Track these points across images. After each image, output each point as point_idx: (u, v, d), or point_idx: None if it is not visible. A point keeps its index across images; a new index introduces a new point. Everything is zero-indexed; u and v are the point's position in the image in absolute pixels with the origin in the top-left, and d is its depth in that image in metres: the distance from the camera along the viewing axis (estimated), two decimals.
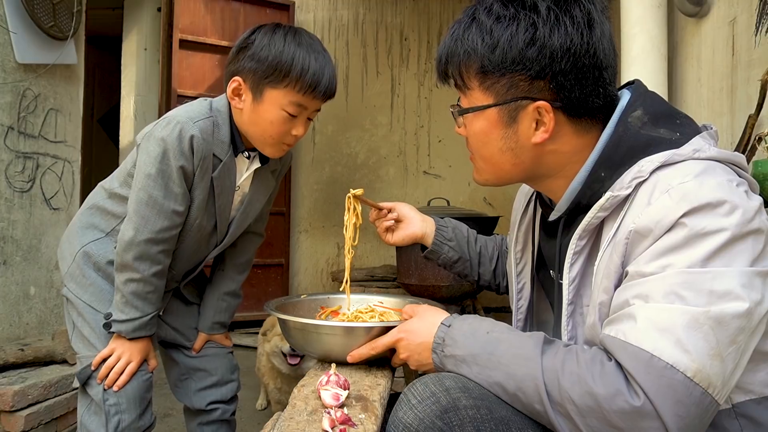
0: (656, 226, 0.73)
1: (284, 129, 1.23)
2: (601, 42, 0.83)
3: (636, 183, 0.78)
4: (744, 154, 1.82)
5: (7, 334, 2.27)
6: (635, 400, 0.68)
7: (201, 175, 1.24)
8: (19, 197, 2.32)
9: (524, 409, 0.78)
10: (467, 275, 1.34)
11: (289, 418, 0.85)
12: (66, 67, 2.54)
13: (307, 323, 1.12)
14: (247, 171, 1.35)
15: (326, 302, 1.39)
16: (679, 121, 0.84)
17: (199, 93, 3.78)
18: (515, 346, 0.80)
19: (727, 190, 0.72)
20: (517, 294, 1.09)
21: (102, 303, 1.30)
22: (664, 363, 0.68)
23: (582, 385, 0.72)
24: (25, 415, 1.94)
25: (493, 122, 0.88)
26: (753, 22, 1.83)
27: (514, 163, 0.90)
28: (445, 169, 4.50)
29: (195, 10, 3.80)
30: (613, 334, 0.73)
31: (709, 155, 0.77)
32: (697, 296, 0.69)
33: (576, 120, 0.86)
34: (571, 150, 0.87)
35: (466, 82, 0.89)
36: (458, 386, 0.80)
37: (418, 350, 0.94)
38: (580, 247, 0.85)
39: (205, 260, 1.44)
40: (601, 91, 0.84)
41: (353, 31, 4.48)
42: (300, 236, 4.39)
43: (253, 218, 1.44)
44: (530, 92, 0.84)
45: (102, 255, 1.32)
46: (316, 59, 1.20)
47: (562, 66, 0.81)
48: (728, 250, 0.70)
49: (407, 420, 0.79)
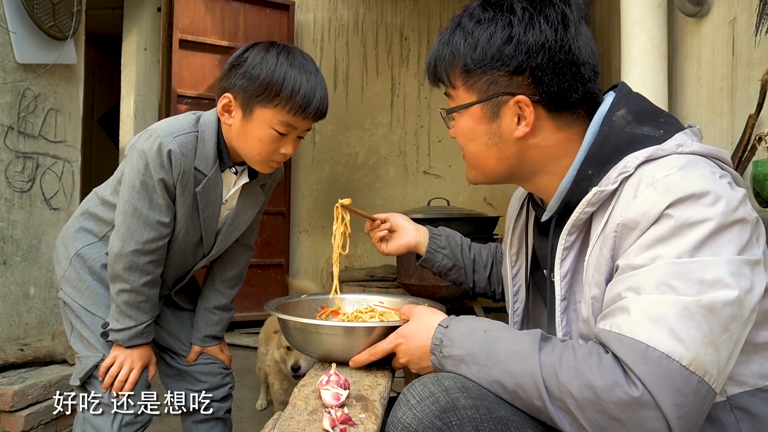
0: (643, 218, 0.74)
1: (273, 147, 1.23)
2: (576, 40, 0.87)
3: (622, 178, 0.80)
4: (744, 154, 1.82)
5: (7, 334, 2.27)
6: (634, 391, 0.69)
7: (182, 189, 1.25)
8: (19, 197, 2.32)
9: (524, 406, 0.79)
10: (462, 283, 1.36)
11: (290, 418, 0.85)
12: (66, 67, 2.54)
13: (307, 323, 1.12)
14: (235, 186, 1.35)
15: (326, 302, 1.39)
16: (663, 120, 0.86)
17: (199, 93, 3.78)
18: (512, 343, 0.81)
19: (711, 181, 0.74)
20: (513, 297, 1.10)
21: (98, 306, 1.32)
22: (660, 353, 0.69)
23: (580, 378, 0.72)
24: (25, 415, 1.94)
25: (477, 119, 0.92)
26: (753, 22, 1.83)
27: (499, 158, 0.93)
28: (445, 169, 4.50)
29: (195, 10, 3.80)
30: (608, 328, 0.74)
31: (692, 150, 0.80)
32: (687, 286, 0.70)
33: (556, 114, 0.89)
34: (553, 144, 0.91)
35: (452, 82, 0.94)
36: (457, 386, 0.81)
37: (417, 354, 0.95)
38: (570, 243, 0.86)
39: (194, 269, 1.45)
40: (579, 86, 0.88)
41: (353, 31, 4.48)
42: (300, 236, 4.39)
43: (242, 231, 1.45)
44: (510, 88, 0.88)
45: (96, 259, 1.34)
46: (308, 80, 1.20)
47: (539, 61, 0.86)
48: (715, 239, 0.71)
49: (406, 420, 0.79)
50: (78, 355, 1.31)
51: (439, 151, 4.51)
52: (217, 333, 1.52)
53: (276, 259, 4.14)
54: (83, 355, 1.30)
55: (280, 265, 4.16)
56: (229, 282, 1.51)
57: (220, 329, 1.52)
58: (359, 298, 1.41)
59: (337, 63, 4.44)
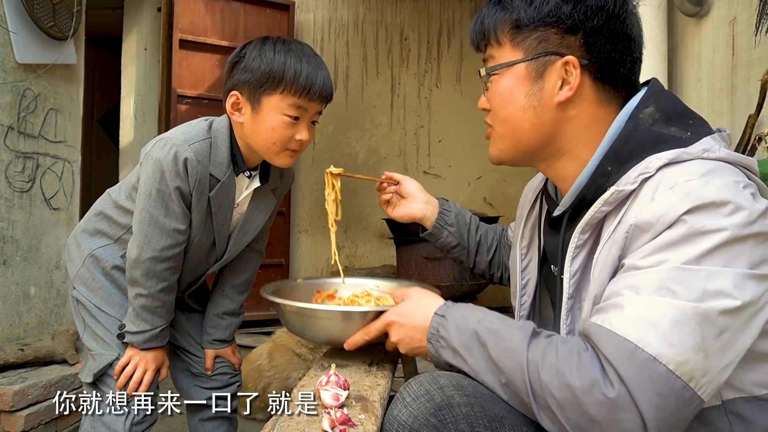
0: (657, 222, 0.73)
1: (287, 134, 1.24)
2: (632, 14, 0.87)
3: (642, 179, 0.78)
4: (744, 154, 1.82)
5: (7, 334, 2.27)
6: (610, 391, 0.68)
7: (198, 196, 1.26)
8: (19, 197, 2.32)
9: (516, 401, 0.79)
10: (462, 262, 1.35)
11: (289, 419, 0.85)
12: (66, 67, 2.53)
13: (303, 308, 1.12)
14: (247, 189, 1.36)
15: (322, 286, 1.41)
16: (692, 122, 0.84)
17: (199, 93, 3.78)
18: (505, 338, 0.81)
19: (733, 190, 0.71)
20: (521, 290, 1.08)
21: (111, 306, 1.34)
22: (648, 355, 0.68)
23: (560, 377, 0.72)
24: (25, 415, 1.94)
25: (521, 78, 0.89)
26: (753, 22, 1.83)
27: (534, 123, 0.90)
28: (445, 169, 4.50)
29: (195, 10, 3.79)
30: (599, 322, 0.74)
31: (718, 156, 0.77)
32: (688, 292, 0.69)
33: (600, 86, 0.87)
34: (589, 120, 0.88)
35: (499, 39, 0.91)
36: (452, 384, 0.81)
37: (410, 333, 0.96)
38: (582, 241, 0.84)
39: (206, 274, 1.46)
40: (628, 60, 0.87)
41: (353, 31, 4.48)
42: (300, 236, 4.39)
43: (253, 235, 1.46)
44: (561, 47, 0.86)
45: (109, 260, 1.35)
46: (308, 62, 1.22)
47: (595, 23, 0.84)
48: (726, 250, 0.69)
49: (402, 417, 0.80)
50: (92, 352, 1.32)
51: (440, 152, 4.51)
52: (227, 337, 1.53)
53: (276, 259, 4.13)
54: (97, 353, 1.31)
55: (281, 265, 4.16)
56: (239, 288, 1.52)
57: (230, 333, 1.54)
58: (356, 282, 1.43)
59: (337, 63, 4.44)
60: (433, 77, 4.54)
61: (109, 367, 1.29)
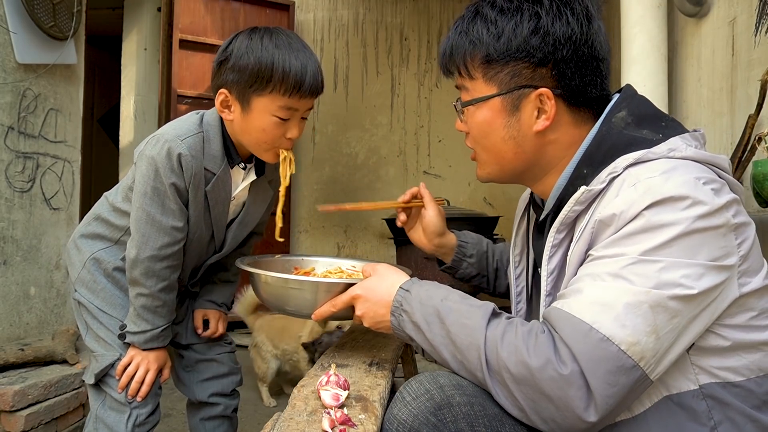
0: (620, 216, 0.76)
1: (277, 134, 1.23)
2: (598, 35, 0.88)
3: (610, 178, 0.81)
4: (744, 154, 1.82)
5: (7, 334, 2.27)
6: (563, 369, 0.72)
7: (194, 191, 1.26)
8: (19, 197, 2.32)
9: (469, 375, 0.82)
10: (483, 288, 1.36)
11: (289, 419, 0.85)
12: (66, 67, 2.53)
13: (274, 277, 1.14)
14: (243, 182, 1.36)
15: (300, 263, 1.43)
16: (665, 124, 0.86)
17: (199, 93, 3.78)
18: (464, 316, 0.83)
19: (692, 186, 0.75)
20: (516, 297, 1.11)
21: (113, 307, 1.34)
22: (601, 335, 0.72)
23: (518, 355, 0.75)
24: (25, 415, 1.94)
25: (497, 111, 0.91)
26: (753, 22, 1.83)
27: (516, 152, 0.92)
28: (445, 169, 4.50)
29: (195, 10, 3.79)
30: (559, 306, 0.78)
31: (684, 155, 0.80)
32: (642, 280, 0.72)
33: (575, 109, 0.90)
34: (569, 141, 0.91)
35: (471, 72, 0.92)
36: (452, 384, 0.82)
37: (374, 308, 0.97)
38: (558, 240, 0.87)
39: (205, 264, 1.46)
40: (598, 81, 0.89)
41: (353, 31, 4.48)
42: (300, 236, 4.39)
43: (252, 227, 1.46)
44: (533, 80, 0.88)
45: (110, 262, 1.36)
46: (297, 57, 1.18)
47: (564, 54, 0.86)
48: (682, 242, 0.73)
49: (402, 416, 0.81)
50: (94, 354, 1.32)
51: (439, 151, 4.51)
52: (217, 299, 1.52)
53: None
54: (100, 354, 1.31)
55: None
56: (234, 255, 1.51)
57: (221, 296, 1.53)
58: (331, 261, 1.44)
59: (337, 63, 4.44)
60: (433, 77, 4.54)
61: (110, 368, 1.29)
